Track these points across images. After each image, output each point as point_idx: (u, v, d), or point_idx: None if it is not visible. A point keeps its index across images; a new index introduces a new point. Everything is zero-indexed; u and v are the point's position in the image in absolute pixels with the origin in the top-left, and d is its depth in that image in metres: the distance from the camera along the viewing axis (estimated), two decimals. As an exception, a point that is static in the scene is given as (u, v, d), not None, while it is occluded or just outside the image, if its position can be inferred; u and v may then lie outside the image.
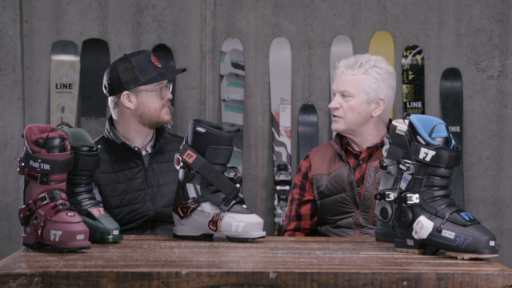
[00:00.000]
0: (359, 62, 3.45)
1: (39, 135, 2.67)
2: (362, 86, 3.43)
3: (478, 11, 4.95)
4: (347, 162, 3.44)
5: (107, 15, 4.99)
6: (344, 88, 3.44)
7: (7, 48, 4.94)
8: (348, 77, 3.44)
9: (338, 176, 3.44)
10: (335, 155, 3.50)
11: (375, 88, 3.43)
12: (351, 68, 3.44)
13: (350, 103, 3.43)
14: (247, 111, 5.00)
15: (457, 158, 2.61)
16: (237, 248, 2.78)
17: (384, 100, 3.44)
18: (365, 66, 3.44)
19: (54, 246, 2.61)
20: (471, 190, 4.97)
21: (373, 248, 2.81)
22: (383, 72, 3.45)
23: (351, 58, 3.49)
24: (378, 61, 3.47)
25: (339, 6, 4.99)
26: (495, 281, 2.30)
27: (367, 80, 3.43)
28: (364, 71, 3.43)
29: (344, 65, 3.46)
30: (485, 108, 4.97)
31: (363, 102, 3.43)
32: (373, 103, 3.44)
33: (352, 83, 3.43)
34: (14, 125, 4.94)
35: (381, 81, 3.44)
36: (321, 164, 3.51)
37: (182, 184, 2.97)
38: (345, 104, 3.44)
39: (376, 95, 3.44)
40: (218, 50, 4.98)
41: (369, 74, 3.43)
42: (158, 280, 2.27)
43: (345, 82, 3.44)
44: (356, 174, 3.43)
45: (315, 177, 3.50)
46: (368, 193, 3.38)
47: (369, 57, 3.47)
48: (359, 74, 3.43)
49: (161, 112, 3.43)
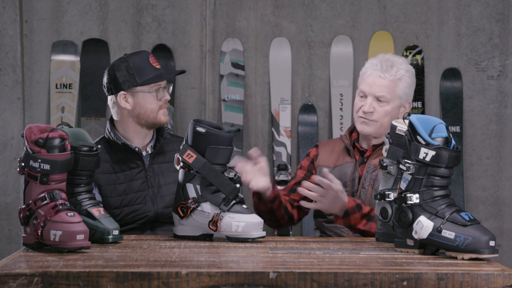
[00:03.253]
0: (395, 66, 3.40)
1: (39, 135, 2.67)
2: (398, 91, 3.40)
3: (478, 11, 4.95)
4: (354, 158, 3.44)
5: (107, 15, 4.99)
6: (382, 93, 3.38)
7: (7, 48, 4.94)
8: (385, 82, 3.38)
9: (342, 171, 3.43)
10: (343, 150, 3.49)
11: (407, 93, 3.42)
12: (388, 72, 3.38)
13: (386, 108, 3.39)
14: (247, 111, 5.00)
15: (457, 158, 2.61)
16: (237, 248, 2.78)
17: (410, 103, 3.44)
18: (400, 71, 3.39)
19: (54, 246, 2.61)
20: (471, 190, 4.97)
21: (373, 248, 2.81)
22: (413, 75, 3.44)
23: (383, 59, 3.42)
24: (407, 64, 3.44)
25: (339, 6, 4.99)
26: (495, 281, 2.30)
27: (401, 85, 3.40)
28: (400, 76, 3.39)
29: (378, 68, 3.40)
30: (485, 108, 4.97)
31: (396, 107, 3.41)
32: (402, 107, 3.43)
33: (389, 88, 3.39)
34: (14, 125, 4.94)
35: (412, 85, 3.43)
36: (328, 156, 3.50)
37: (182, 184, 2.97)
38: (380, 109, 3.39)
39: (407, 99, 3.43)
40: (218, 50, 4.98)
41: (403, 79, 3.40)
42: (158, 280, 2.27)
43: (382, 87, 3.39)
44: (360, 171, 3.43)
45: (319, 168, 3.49)
46: (363, 190, 3.38)
47: (401, 60, 3.43)
48: (396, 79, 3.39)
49: (158, 113, 3.43)
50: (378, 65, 3.40)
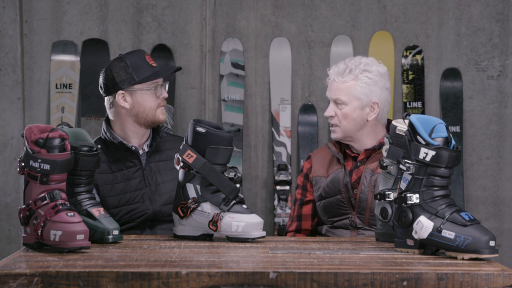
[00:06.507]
0: (348, 68, 3.42)
1: (39, 135, 2.67)
2: (354, 92, 3.42)
3: (478, 11, 4.95)
4: (343, 165, 3.45)
5: (107, 15, 4.99)
6: (337, 96, 3.43)
7: (7, 48, 4.94)
8: (340, 85, 3.42)
9: (335, 178, 3.45)
10: (333, 157, 3.50)
11: (367, 93, 3.42)
12: (341, 75, 3.42)
13: (344, 110, 3.42)
14: (247, 111, 5.00)
15: (457, 158, 2.61)
16: (237, 248, 2.78)
17: (378, 103, 3.43)
18: (354, 72, 3.41)
19: (54, 246, 2.61)
20: (471, 190, 4.97)
21: (373, 248, 2.81)
22: (374, 75, 3.43)
23: (340, 64, 3.46)
24: (368, 64, 3.44)
25: (339, 6, 4.99)
26: (495, 281, 2.30)
27: (357, 86, 3.41)
28: (354, 77, 3.41)
29: (334, 72, 3.45)
30: (485, 108, 4.97)
31: (356, 108, 3.42)
32: (367, 107, 3.43)
33: (344, 90, 3.42)
34: (14, 125, 4.94)
35: (372, 85, 3.42)
36: (321, 166, 3.52)
37: (182, 184, 2.97)
38: (339, 112, 3.43)
39: (369, 99, 3.42)
40: (218, 50, 4.99)
41: (359, 79, 3.41)
42: (158, 280, 2.27)
43: (337, 90, 3.43)
44: (354, 176, 3.43)
45: (315, 179, 3.51)
46: (363, 195, 3.38)
47: (359, 61, 3.45)
48: (350, 80, 3.41)
49: (157, 111, 3.44)
50: (336, 69, 3.45)
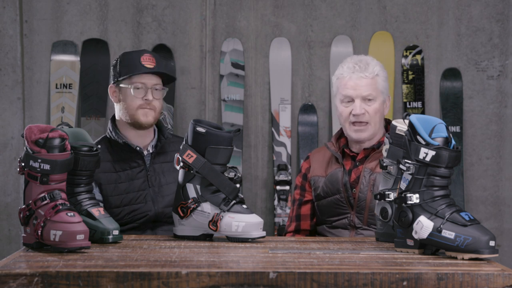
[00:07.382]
0: (369, 64, 3.42)
1: (39, 135, 2.67)
2: (379, 87, 3.43)
3: (478, 11, 4.95)
4: (342, 164, 3.44)
5: (107, 15, 4.99)
6: (368, 91, 3.40)
7: (7, 48, 4.94)
8: (368, 81, 3.41)
9: (333, 177, 3.44)
10: (332, 156, 3.50)
11: (386, 87, 3.47)
12: (366, 70, 3.41)
13: (374, 106, 3.41)
14: (247, 111, 5.00)
15: (457, 158, 2.61)
16: (237, 248, 2.78)
17: (389, 97, 3.48)
18: (376, 67, 3.43)
19: (54, 246, 2.61)
20: (471, 190, 4.97)
21: (373, 248, 2.81)
22: (385, 70, 3.48)
23: (357, 61, 3.44)
24: (374, 60, 3.48)
25: (339, 6, 4.99)
26: (495, 281, 2.30)
27: (380, 80, 3.44)
28: (377, 72, 3.43)
29: (357, 68, 3.41)
30: (485, 108, 4.97)
31: (382, 103, 3.44)
32: (384, 102, 3.45)
33: (372, 85, 3.41)
34: (14, 125, 4.94)
35: (387, 79, 3.47)
36: (319, 166, 3.51)
37: (182, 184, 2.97)
38: (370, 108, 3.41)
39: (387, 93, 3.47)
40: (218, 50, 4.98)
41: (380, 74, 3.44)
42: (158, 280, 2.27)
43: (366, 86, 3.41)
44: (352, 175, 3.42)
45: (313, 179, 3.51)
46: (362, 195, 3.38)
47: (368, 57, 3.48)
48: (374, 75, 3.42)
49: (138, 111, 3.43)
50: (355, 67, 3.42)
